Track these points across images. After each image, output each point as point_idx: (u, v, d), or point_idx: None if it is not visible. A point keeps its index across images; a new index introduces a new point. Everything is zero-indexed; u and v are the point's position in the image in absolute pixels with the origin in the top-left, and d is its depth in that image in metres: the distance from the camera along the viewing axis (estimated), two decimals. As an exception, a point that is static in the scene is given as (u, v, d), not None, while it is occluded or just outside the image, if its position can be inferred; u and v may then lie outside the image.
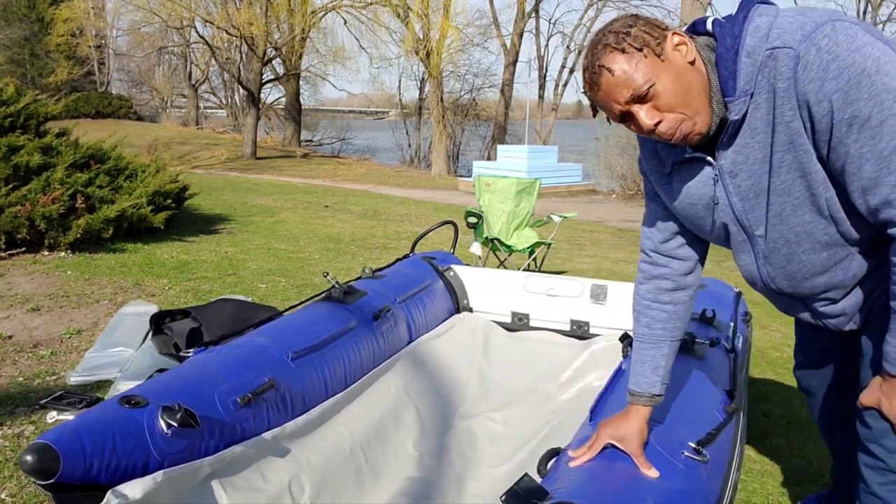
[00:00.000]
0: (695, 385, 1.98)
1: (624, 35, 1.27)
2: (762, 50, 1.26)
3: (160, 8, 18.08)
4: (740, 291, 2.97)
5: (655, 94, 1.28)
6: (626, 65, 1.27)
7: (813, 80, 1.21)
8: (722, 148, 1.38)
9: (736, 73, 1.29)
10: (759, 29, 1.27)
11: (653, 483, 1.47)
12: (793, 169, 1.32)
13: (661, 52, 1.27)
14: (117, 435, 1.56)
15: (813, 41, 1.21)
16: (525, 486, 1.43)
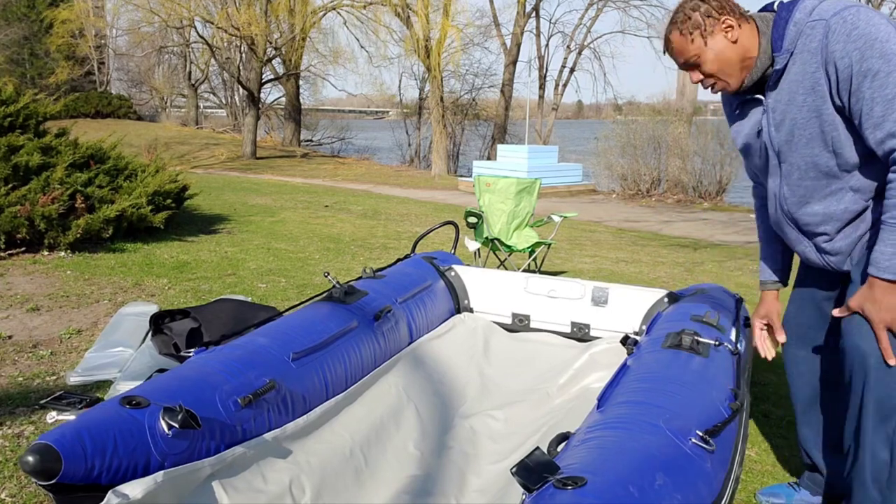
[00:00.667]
0: (701, 381, 2.00)
1: (686, 18, 1.85)
2: (805, 21, 1.76)
3: (160, 8, 18.07)
4: (741, 297, 2.97)
5: (699, 63, 1.87)
6: (681, 41, 1.88)
7: (838, 41, 1.68)
8: (769, 90, 1.89)
9: (784, 36, 1.80)
10: (806, 7, 1.78)
11: (661, 463, 1.49)
12: (811, 109, 1.79)
13: (709, 35, 1.83)
14: (118, 435, 1.56)
15: (841, 16, 1.69)
16: (536, 460, 1.43)
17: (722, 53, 1.84)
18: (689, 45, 1.86)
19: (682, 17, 1.85)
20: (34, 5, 25.83)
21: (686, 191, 13.38)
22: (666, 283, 5.89)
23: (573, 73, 24.26)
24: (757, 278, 6.29)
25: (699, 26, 1.83)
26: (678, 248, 7.94)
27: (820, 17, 1.73)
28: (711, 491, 1.55)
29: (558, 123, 25.28)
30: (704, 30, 1.83)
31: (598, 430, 1.67)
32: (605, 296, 3.24)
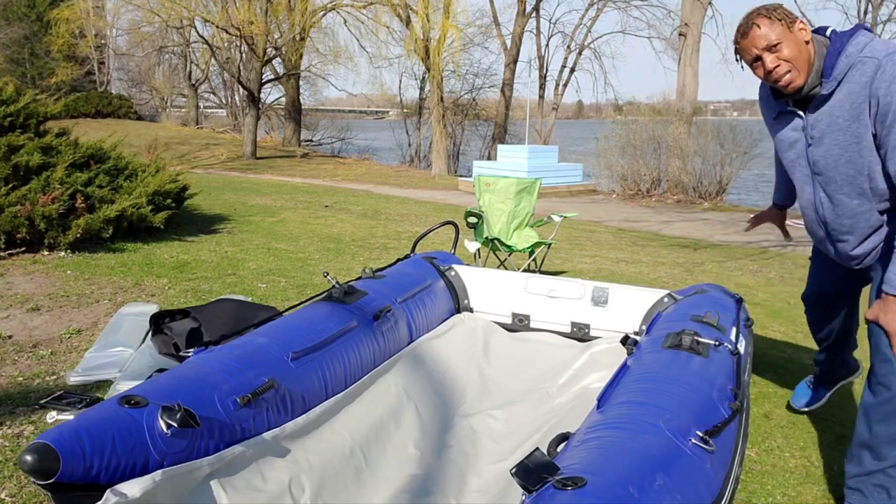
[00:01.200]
0: (701, 381, 2.00)
1: (773, 10, 2.04)
2: (856, 56, 1.98)
3: (160, 8, 18.06)
4: (741, 298, 2.97)
5: (780, 48, 2.02)
6: (769, 26, 2.03)
7: (884, 80, 1.90)
8: (810, 111, 2.12)
9: (835, 65, 2.00)
10: (858, 43, 2.00)
11: (661, 463, 1.49)
12: (853, 135, 2.03)
13: (791, 27, 2.02)
14: (117, 435, 1.56)
15: (891, 58, 1.91)
16: (535, 461, 1.43)
17: (799, 46, 2.03)
18: (775, 29, 2.01)
19: (767, 9, 2.05)
20: (34, 5, 25.82)
21: (686, 191, 13.38)
22: (666, 283, 5.89)
23: (573, 73, 24.30)
24: (756, 278, 6.29)
25: (787, 16, 2.03)
26: (678, 248, 7.94)
27: (872, 55, 1.95)
28: (711, 491, 1.55)
29: (558, 123, 25.28)
30: (788, 21, 2.03)
31: (598, 431, 1.67)
32: (605, 296, 3.24)
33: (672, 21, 21.51)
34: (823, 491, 2.51)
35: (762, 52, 2.04)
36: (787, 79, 2.04)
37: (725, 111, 44.73)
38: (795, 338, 4.38)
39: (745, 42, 2.07)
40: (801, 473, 2.63)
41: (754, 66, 2.10)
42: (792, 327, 4.62)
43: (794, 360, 3.92)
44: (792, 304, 5.31)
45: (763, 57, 2.05)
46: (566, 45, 24.11)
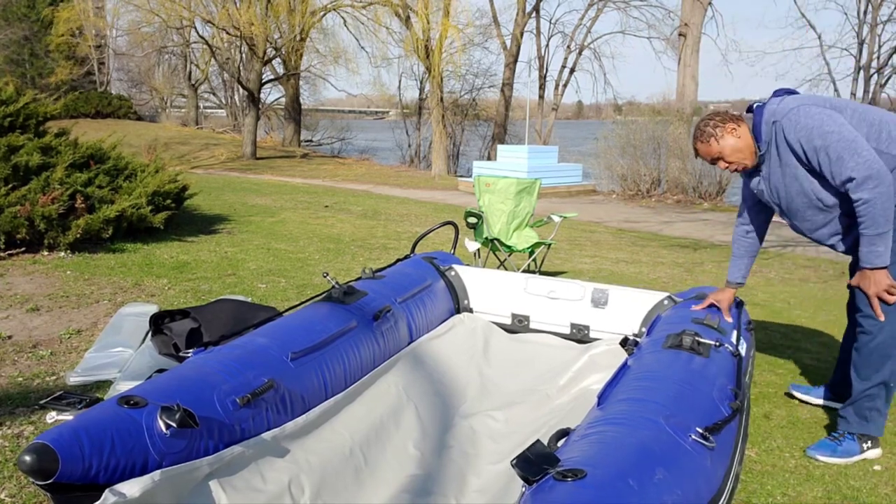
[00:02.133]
0: (701, 380, 2.00)
1: (702, 132, 2.68)
2: (770, 122, 2.64)
3: (160, 8, 18.06)
4: (742, 301, 2.98)
5: (722, 157, 2.68)
6: (705, 149, 2.70)
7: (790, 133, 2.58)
8: (763, 165, 2.74)
9: (760, 134, 2.68)
10: (768, 110, 2.66)
11: (661, 458, 1.49)
12: (791, 176, 2.68)
13: (721, 138, 2.66)
14: (116, 435, 1.56)
15: (787, 118, 2.59)
16: (536, 452, 1.43)
17: (734, 147, 2.66)
18: (710, 149, 2.67)
19: (699, 132, 2.69)
20: (34, 5, 25.80)
21: (686, 191, 13.37)
22: (666, 283, 5.88)
23: (573, 73, 24.27)
24: (756, 278, 6.29)
25: (712, 135, 2.65)
26: (678, 248, 7.94)
27: (774, 118, 2.61)
28: (711, 487, 1.55)
29: (558, 123, 25.27)
30: (717, 136, 2.65)
31: (599, 426, 1.67)
32: (605, 297, 3.24)
33: (672, 21, 21.51)
34: (823, 491, 2.50)
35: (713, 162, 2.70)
36: (740, 169, 2.72)
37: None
38: (795, 338, 4.38)
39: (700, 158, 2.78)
40: (801, 474, 2.63)
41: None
42: (792, 327, 4.62)
43: (793, 361, 3.92)
44: (792, 304, 5.31)
45: (717, 163, 2.72)
46: (566, 46, 24.10)
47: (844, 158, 2.47)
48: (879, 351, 2.65)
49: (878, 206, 2.46)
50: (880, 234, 2.49)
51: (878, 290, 2.58)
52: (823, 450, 2.74)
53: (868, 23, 19.44)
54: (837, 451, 2.72)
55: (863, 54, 19.50)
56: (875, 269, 2.55)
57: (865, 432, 2.72)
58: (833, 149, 2.48)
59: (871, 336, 2.66)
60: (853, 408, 2.74)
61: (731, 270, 3.00)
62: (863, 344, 2.70)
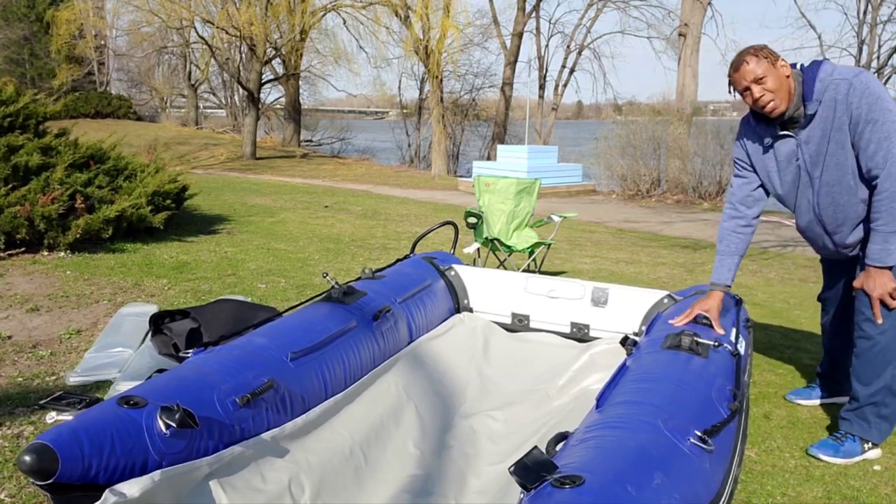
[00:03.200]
0: (700, 381, 2.00)
1: (759, 49, 2.49)
2: (828, 80, 2.46)
3: (160, 8, 18.05)
4: (741, 299, 2.98)
5: (765, 81, 2.47)
6: (756, 63, 2.48)
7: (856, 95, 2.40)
8: (801, 128, 2.56)
9: (814, 89, 2.48)
10: (827, 69, 2.49)
11: (659, 462, 1.49)
12: (838, 143, 2.49)
13: (774, 64, 2.48)
14: (116, 435, 1.56)
15: (859, 78, 2.41)
16: (534, 459, 1.43)
17: (780, 79, 2.48)
18: (761, 65, 2.46)
19: (754, 49, 2.49)
20: (34, 5, 25.79)
21: (686, 191, 13.37)
22: (666, 283, 5.88)
23: (573, 73, 24.28)
24: (756, 278, 6.28)
25: (769, 56, 2.48)
26: (678, 248, 7.94)
27: (843, 77, 2.43)
28: (710, 490, 1.55)
29: (558, 123, 25.27)
30: (772, 59, 2.47)
31: (597, 430, 1.67)
32: (605, 296, 3.24)
33: (672, 21, 21.52)
34: (823, 491, 2.50)
35: (750, 84, 2.49)
36: (772, 105, 2.49)
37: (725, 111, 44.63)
38: (795, 338, 4.38)
39: (736, 75, 2.53)
40: (800, 474, 2.63)
41: (744, 94, 2.54)
42: (792, 327, 4.62)
43: (793, 361, 3.92)
44: (792, 304, 5.31)
45: (751, 87, 2.49)
46: (566, 46, 24.11)
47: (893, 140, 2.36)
48: (883, 356, 2.60)
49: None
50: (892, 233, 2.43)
51: (883, 292, 2.52)
52: (826, 449, 2.72)
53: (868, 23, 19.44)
54: (840, 452, 2.71)
55: (863, 54, 19.50)
56: (884, 268, 2.49)
57: (867, 437, 2.71)
58: (887, 127, 2.36)
59: (872, 341, 2.60)
60: (857, 413, 2.72)
61: (718, 270, 2.80)
62: (864, 349, 2.64)
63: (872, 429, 2.69)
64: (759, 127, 2.69)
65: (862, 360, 2.65)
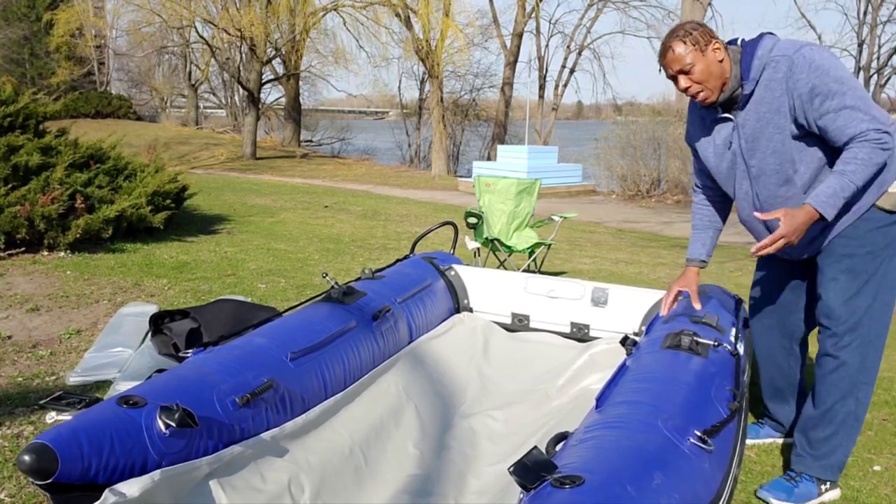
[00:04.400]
0: (700, 381, 2.00)
1: (688, 33, 2.21)
2: (767, 57, 2.20)
3: (160, 8, 18.06)
4: (741, 298, 2.97)
5: (692, 71, 2.21)
6: (682, 49, 2.20)
7: (801, 72, 2.12)
8: (738, 110, 2.29)
9: (750, 68, 2.22)
10: (766, 45, 2.22)
11: (659, 462, 1.49)
12: (775, 126, 2.22)
13: (704, 50, 2.20)
14: (115, 435, 1.56)
15: (800, 53, 2.14)
16: (533, 459, 1.43)
17: (710, 66, 2.21)
18: (688, 53, 2.20)
19: (683, 32, 2.22)
20: (34, 5, 25.80)
21: (686, 191, 13.37)
22: (666, 283, 5.88)
23: (573, 73, 24.29)
24: (757, 279, 6.28)
25: (698, 41, 2.20)
26: (678, 248, 7.94)
27: (783, 53, 2.16)
28: (709, 490, 1.55)
29: (558, 124, 25.27)
30: (702, 45, 2.20)
31: (596, 430, 1.67)
32: (605, 296, 3.24)
33: (672, 21, 21.52)
34: (823, 491, 2.50)
35: (676, 74, 2.25)
36: (701, 97, 2.26)
37: (725, 111, 44.48)
38: (795, 338, 4.37)
39: (663, 61, 2.28)
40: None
41: (674, 81, 2.30)
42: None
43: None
44: (792, 304, 5.30)
45: (677, 77, 2.25)
46: (566, 46, 24.12)
47: (860, 108, 2.07)
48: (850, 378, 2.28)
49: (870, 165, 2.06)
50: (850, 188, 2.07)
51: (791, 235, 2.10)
52: (777, 492, 2.39)
53: (868, 23, 19.46)
54: (793, 495, 2.37)
55: (863, 55, 19.51)
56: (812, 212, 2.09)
57: (824, 477, 2.39)
58: (850, 97, 2.07)
59: (837, 360, 2.28)
60: (811, 445, 2.39)
61: (692, 246, 2.60)
62: (829, 370, 2.30)
63: (828, 469, 2.38)
64: (703, 108, 2.41)
65: (826, 382, 2.32)
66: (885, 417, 3.19)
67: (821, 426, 2.36)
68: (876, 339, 2.29)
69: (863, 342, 2.27)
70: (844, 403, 2.31)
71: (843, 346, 2.27)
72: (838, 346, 2.28)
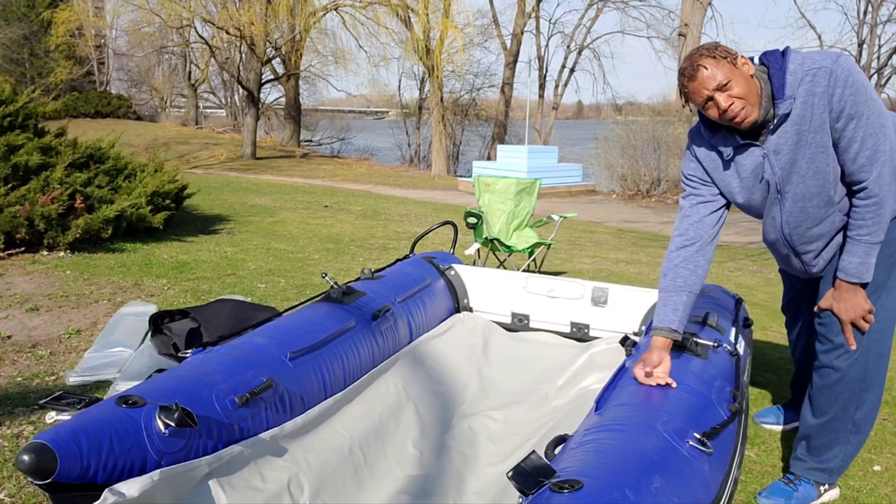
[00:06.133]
0: (699, 383, 1.99)
1: (715, 49, 2.00)
2: (801, 71, 1.98)
3: (160, 8, 18.06)
4: (741, 298, 2.97)
5: (731, 87, 1.97)
6: (715, 66, 1.98)
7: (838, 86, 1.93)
8: (769, 134, 2.06)
9: (785, 83, 1.99)
10: (796, 59, 2.01)
11: (658, 466, 1.48)
12: (819, 146, 2.01)
13: (735, 64, 1.99)
14: (114, 435, 1.56)
15: (839, 64, 1.94)
16: (532, 464, 1.42)
17: (747, 80, 1.99)
18: (722, 68, 1.96)
19: (707, 49, 2.00)
20: (34, 5, 25.80)
21: (686, 191, 13.36)
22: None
23: (573, 73, 24.28)
24: (756, 278, 6.28)
25: (730, 53, 1.99)
26: (678, 248, 7.93)
27: (820, 65, 1.96)
28: (709, 493, 1.54)
29: (558, 124, 25.27)
30: (733, 60, 1.99)
31: (596, 433, 1.66)
32: (605, 296, 3.24)
33: (671, 21, 21.52)
34: (823, 491, 2.50)
35: (713, 93, 1.98)
36: (743, 114, 1.99)
37: (725, 111, 44.46)
38: (795, 338, 4.37)
39: (693, 85, 2.00)
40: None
41: (706, 107, 2.03)
42: (791, 327, 4.62)
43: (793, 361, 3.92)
44: (791, 304, 5.30)
45: (715, 97, 1.98)
46: (566, 46, 24.12)
47: (880, 139, 1.95)
48: (851, 388, 2.22)
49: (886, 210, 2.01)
50: (877, 245, 2.06)
51: (857, 314, 2.11)
52: (776, 497, 2.36)
53: (868, 23, 19.44)
54: (793, 499, 2.35)
55: (863, 54, 19.50)
56: (858, 285, 2.10)
57: (823, 481, 2.36)
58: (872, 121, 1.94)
59: (840, 373, 2.21)
60: (811, 451, 2.36)
61: (661, 311, 2.18)
62: (830, 382, 2.24)
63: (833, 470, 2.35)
64: (715, 138, 2.18)
65: (826, 392, 2.26)
66: (885, 417, 3.19)
67: (821, 435, 2.32)
68: (876, 346, 2.21)
69: (864, 352, 2.20)
70: (845, 412, 2.25)
71: (844, 357, 2.20)
72: (840, 357, 2.21)
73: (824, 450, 2.33)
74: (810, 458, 2.37)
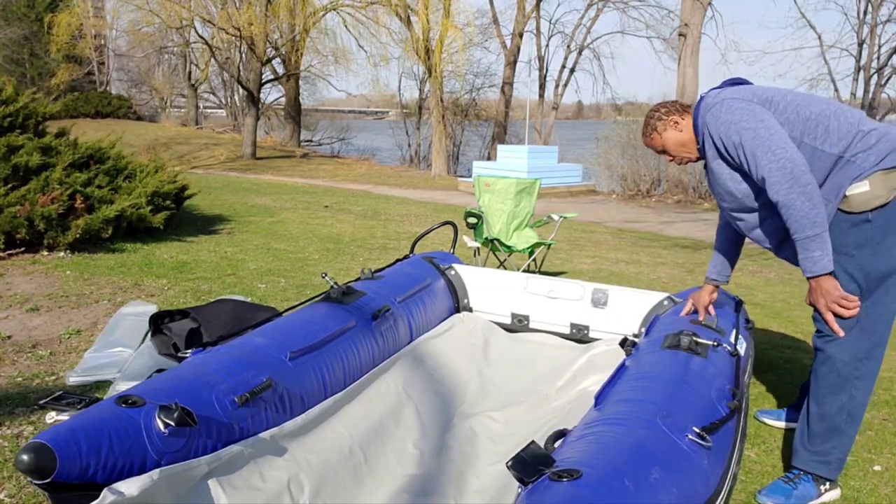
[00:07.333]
0: (699, 380, 2.00)
1: (646, 125, 2.65)
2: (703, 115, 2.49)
3: (160, 8, 18.06)
4: (741, 300, 2.97)
5: (665, 151, 2.64)
6: (649, 142, 2.67)
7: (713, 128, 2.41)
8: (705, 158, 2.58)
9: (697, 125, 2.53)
10: (705, 104, 2.49)
11: (657, 458, 1.49)
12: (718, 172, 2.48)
13: (663, 132, 2.60)
14: (114, 434, 1.56)
15: (711, 113, 2.43)
16: (531, 453, 1.43)
17: (676, 140, 2.59)
18: (654, 142, 2.65)
19: (644, 126, 2.67)
20: (34, 5, 25.81)
21: (686, 191, 13.37)
22: (666, 283, 5.88)
23: (573, 73, 24.28)
24: (756, 278, 6.28)
25: (654, 129, 2.62)
26: (678, 248, 7.94)
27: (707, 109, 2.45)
28: (708, 486, 1.55)
29: (558, 123, 25.27)
30: (658, 130, 2.61)
31: (595, 427, 1.67)
32: (605, 297, 3.24)
33: (671, 21, 21.52)
34: (823, 491, 2.50)
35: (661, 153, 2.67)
36: (685, 161, 2.64)
37: (725, 111, 44.44)
38: (795, 338, 4.37)
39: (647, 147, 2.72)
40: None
41: None
42: (792, 328, 4.62)
43: (794, 361, 3.92)
44: (792, 304, 5.31)
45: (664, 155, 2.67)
46: (566, 46, 24.12)
47: (758, 156, 2.28)
48: (835, 373, 2.34)
49: (798, 209, 2.21)
50: (811, 238, 2.22)
51: (829, 301, 2.27)
52: (776, 495, 2.39)
53: (868, 23, 19.44)
54: (792, 497, 2.38)
55: (863, 54, 19.51)
56: (816, 277, 2.26)
57: (821, 474, 2.41)
58: (748, 146, 2.30)
59: (829, 357, 2.35)
60: (810, 441, 2.42)
61: (712, 266, 2.78)
62: (821, 366, 2.38)
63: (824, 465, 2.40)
64: None
65: (820, 378, 2.39)
66: (885, 417, 3.19)
67: (816, 422, 2.41)
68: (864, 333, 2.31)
69: (853, 338, 2.31)
70: (836, 399, 2.36)
71: (829, 339, 2.35)
72: (829, 342, 2.35)
73: (819, 439, 2.40)
74: (808, 448, 2.43)
